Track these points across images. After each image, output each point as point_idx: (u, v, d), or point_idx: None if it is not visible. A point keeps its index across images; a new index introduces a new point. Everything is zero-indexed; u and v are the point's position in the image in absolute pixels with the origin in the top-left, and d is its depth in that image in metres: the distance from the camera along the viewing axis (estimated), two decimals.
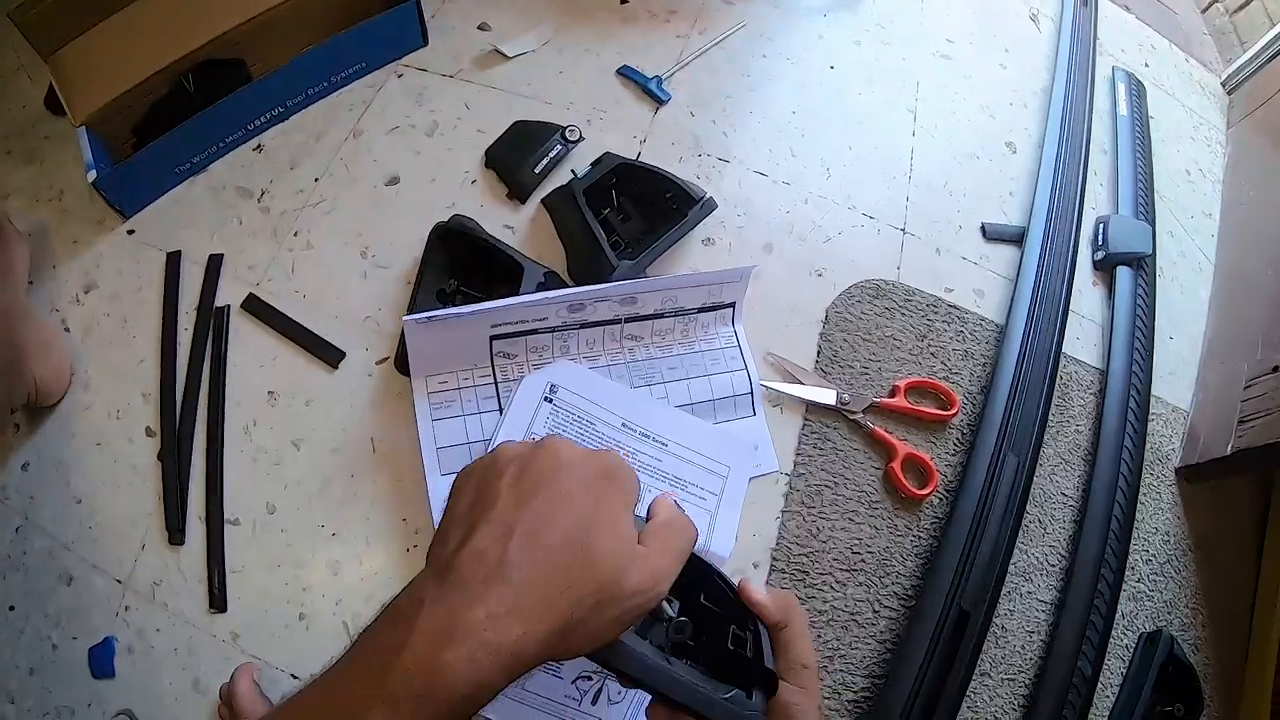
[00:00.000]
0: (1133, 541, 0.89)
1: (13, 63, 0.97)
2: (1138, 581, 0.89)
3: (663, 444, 0.78)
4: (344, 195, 0.90)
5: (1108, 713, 0.82)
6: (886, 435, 0.85)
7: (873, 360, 0.90)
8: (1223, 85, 1.30)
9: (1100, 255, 1.04)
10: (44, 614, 0.73)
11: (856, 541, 0.82)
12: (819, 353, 0.89)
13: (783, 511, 0.81)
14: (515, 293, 0.77)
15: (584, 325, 0.79)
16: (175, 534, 0.74)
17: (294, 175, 0.90)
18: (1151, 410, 0.97)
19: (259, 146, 0.92)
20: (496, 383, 0.78)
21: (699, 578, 0.50)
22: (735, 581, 0.52)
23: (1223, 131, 1.25)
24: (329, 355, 0.81)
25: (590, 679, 0.70)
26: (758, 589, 0.51)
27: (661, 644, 0.46)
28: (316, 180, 0.90)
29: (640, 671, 0.42)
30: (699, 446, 0.79)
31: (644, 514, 0.46)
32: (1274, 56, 1.20)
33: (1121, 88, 1.18)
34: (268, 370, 0.81)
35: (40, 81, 0.93)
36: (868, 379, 0.89)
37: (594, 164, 0.87)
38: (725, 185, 0.97)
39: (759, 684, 0.48)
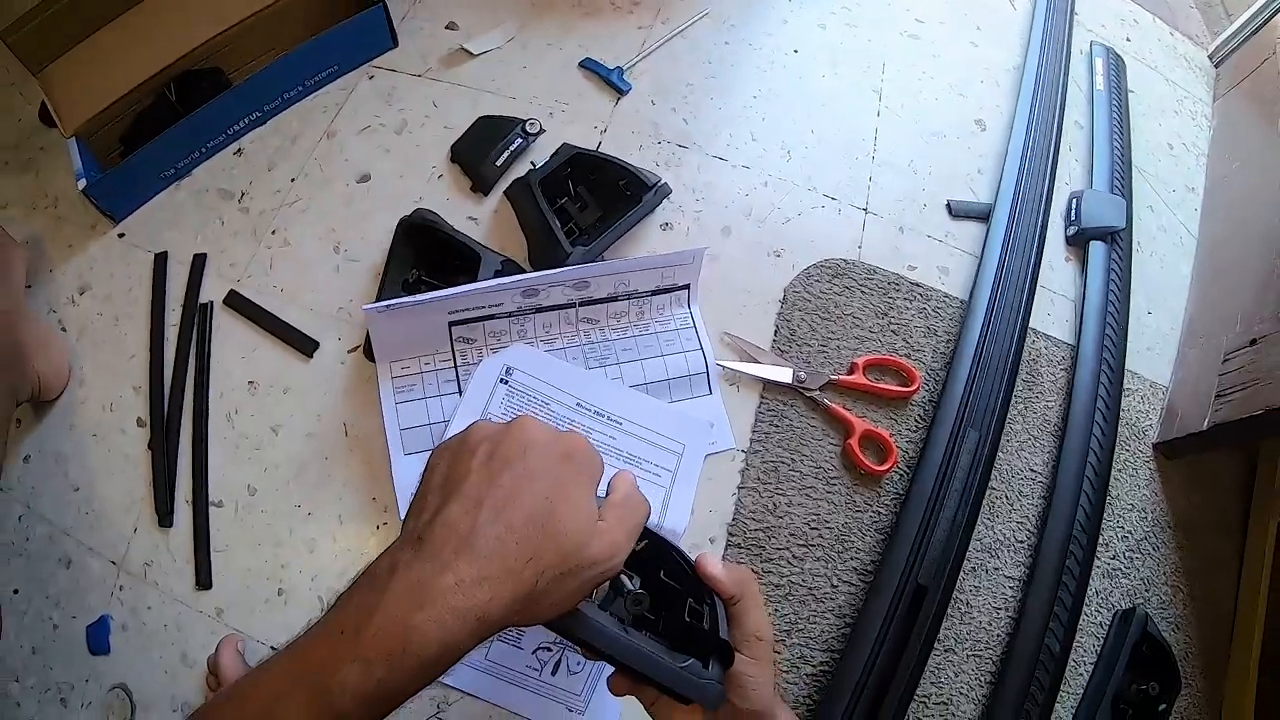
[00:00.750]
0: (1107, 518, 0.90)
1: (4, 79, 1.03)
2: (1112, 558, 0.89)
3: (617, 422, 0.81)
4: (318, 194, 0.94)
5: (1081, 690, 0.83)
6: (844, 412, 0.87)
7: (831, 338, 0.91)
8: (1210, 58, 1.28)
9: (1073, 230, 1.04)
10: (45, 596, 0.78)
11: (814, 517, 0.84)
12: (776, 332, 0.91)
13: (739, 488, 0.83)
14: (474, 280, 0.80)
15: (539, 310, 0.82)
16: (164, 517, 0.79)
17: (272, 177, 0.95)
18: (1127, 386, 0.97)
19: (239, 150, 0.97)
20: (456, 366, 0.81)
21: (659, 554, 0.52)
22: (694, 558, 0.53)
23: (1208, 105, 1.23)
24: (304, 346, 0.86)
25: (550, 649, 0.74)
26: (714, 563, 0.52)
27: (622, 616, 0.49)
28: (293, 181, 0.95)
29: (601, 641, 0.45)
30: (653, 425, 0.82)
31: (604, 491, 0.48)
32: (1262, 26, 1.18)
33: (1099, 62, 1.17)
34: (248, 361, 0.86)
35: (32, 96, 0.98)
36: (826, 357, 0.90)
37: (553, 155, 0.90)
38: (684, 171, 0.99)
39: (715, 655, 0.49)
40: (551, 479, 0.43)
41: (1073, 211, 1.05)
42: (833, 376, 0.88)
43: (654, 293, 0.86)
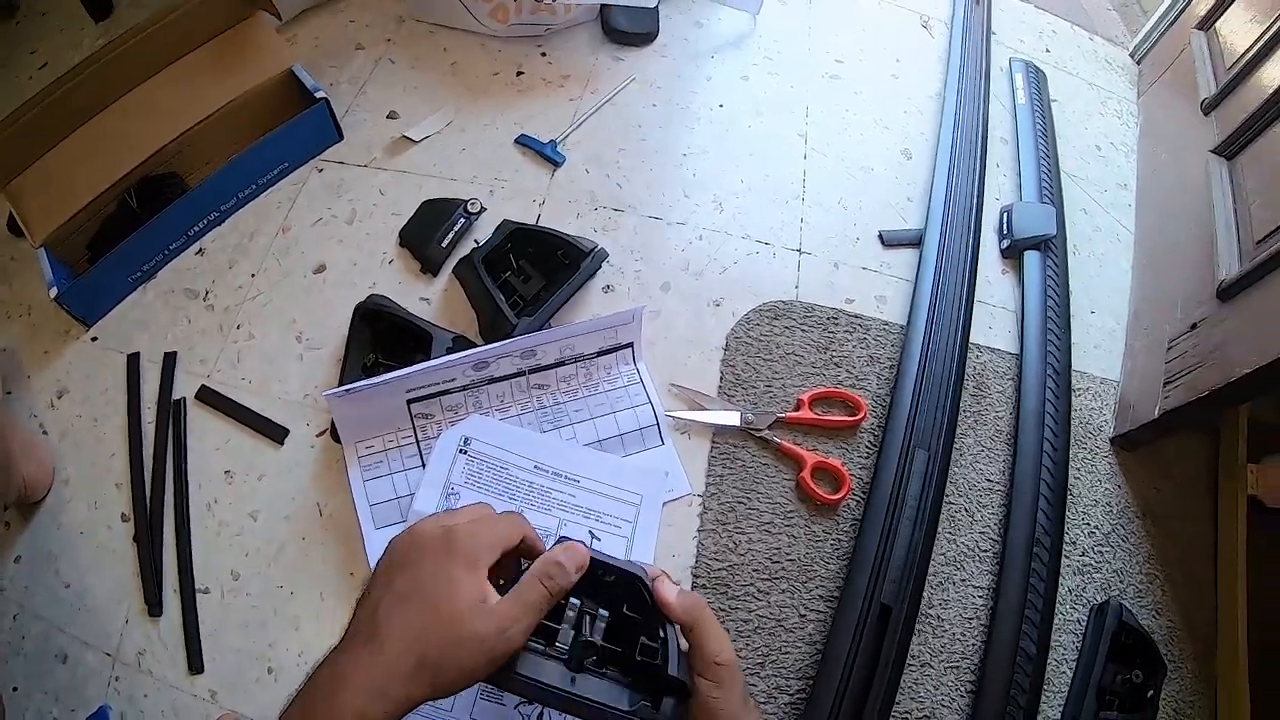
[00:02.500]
0: (1071, 517, 0.93)
1: None
2: (1081, 555, 0.92)
3: (575, 480, 0.85)
4: (278, 287, 0.99)
5: (1066, 688, 0.85)
6: (794, 448, 0.90)
7: (776, 378, 0.95)
8: (1131, 56, 1.33)
9: (1006, 243, 1.08)
10: (43, 692, 0.81)
11: (775, 551, 0.87)
12: (722, 378, 0.95)
13: (699, 530, 0.87)
14: (429, 358, 0.85)
15: (492, 380, 0.87)
16: (154, 607, 0.82)
17: (233, 274, 1.00)
18: (1078, 385, 1.00)
19: (200, 250, 1.02)
20: (418, 441, 0.85)
21: (625, 588, 0.56)
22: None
23: (1134, 102, 1.28)
24: (275, 434, 0.90)
25: (532, 704, 0.77)
26: (668, 591, 0.56)
27: (570, 662, 0.53)
28: (253, 276, 0.99)
29: (535, 695, 0.51)
30: (609, 479, 0.86)
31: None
32: (1178, 17, 1.22)
33: (1019, 77, 1.22)
34: (223, 452, 0.90)
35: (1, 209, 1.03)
36: (771, 396, 0.94)
37: (495, 232, 0.95)
38: (622, 234, 1.03)
39: (670, 691, 0.53)
40: (432, 572, 0.50)
41: (1004, 225, 1.10)
42: (780, 415, 0.92)
43: (599, 354, 0.90)
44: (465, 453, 0.84)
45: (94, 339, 0.97)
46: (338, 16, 1.22)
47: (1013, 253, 1.08)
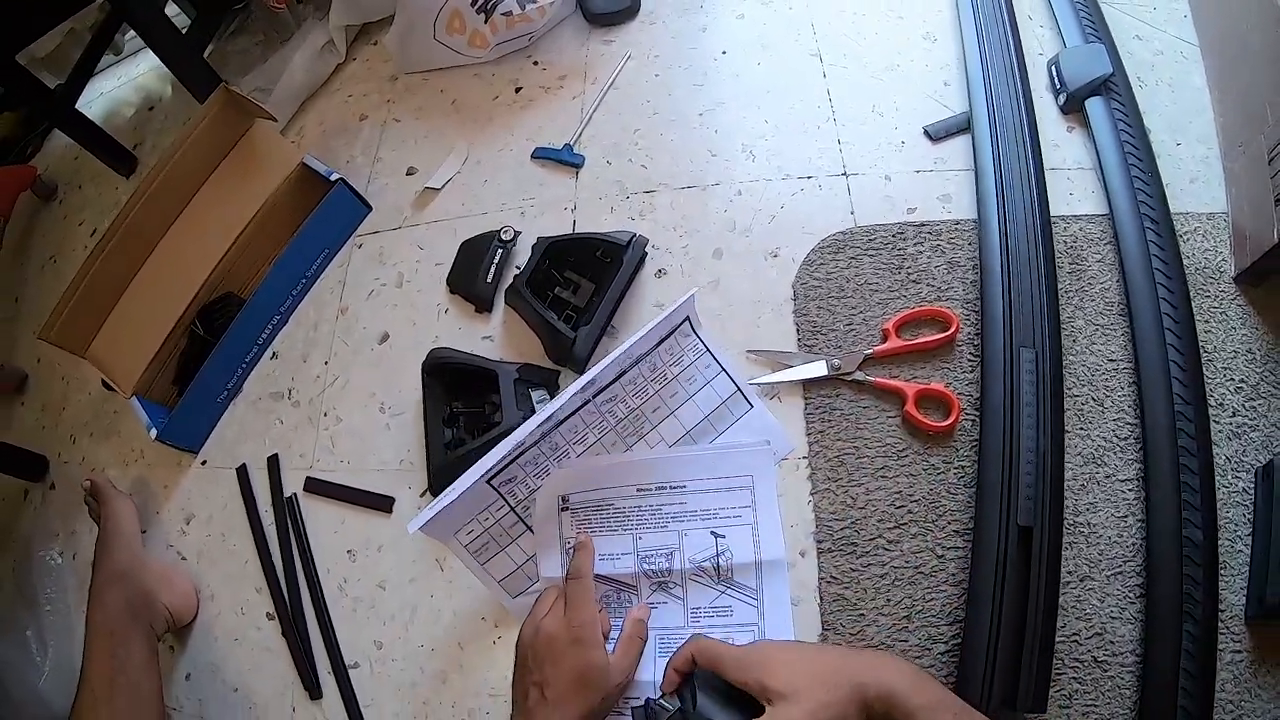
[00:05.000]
0: (1211, 375, 0.83)
1: (63, 370, 1.18)
2: (1232, 416, 0.82)
3: (681, 488, 0.82)
4: (351, 367, 1.01)
5: (1245, 568, 0.76)
6: (891, 382, 0.85)
7: (855, 314, 0.90)
8: None
9: (1063, 98, 0.99)
10: None
11: (896, 495, 0.81)
12: (798, 330, 0.90)
13: (811, 494, 0.83)
14: (498, 396, 0.86)
15: (560, 423, 0.83)
16: (313, 691, 0.87)
17: (308, 366, 1.03)
18: (1183, 228, 0.90)
19: (274, 354, 1.06)
20: (513, 508, 0.83)
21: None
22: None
23: None
24: (382, 505, 0.93)
25: None
26: (674, 660, 0.71)
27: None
28: (326, 363, 1.03)
29: None
30: (714, 472, 0.82)
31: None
32: None
33: None
34: (340, 534, 0.93)
35: (91, 373, 1.09)
36: (855, 334, 0.89)
37: (532, 251, 0.94)
38: (660, 214, 1.00)
39: None
40: (573, 654, 0.69)
41: (1055, 78, 1.00)
42: (867, 352, 0.86)
43: (658, 344, 0.86)
44: (567, 509, 0.83)
45: (203, 463, 1.03)
46: (334, 96, 1.26)
47: (1073, 106, 0.98)
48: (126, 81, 1.59)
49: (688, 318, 0.87)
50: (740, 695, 0.64)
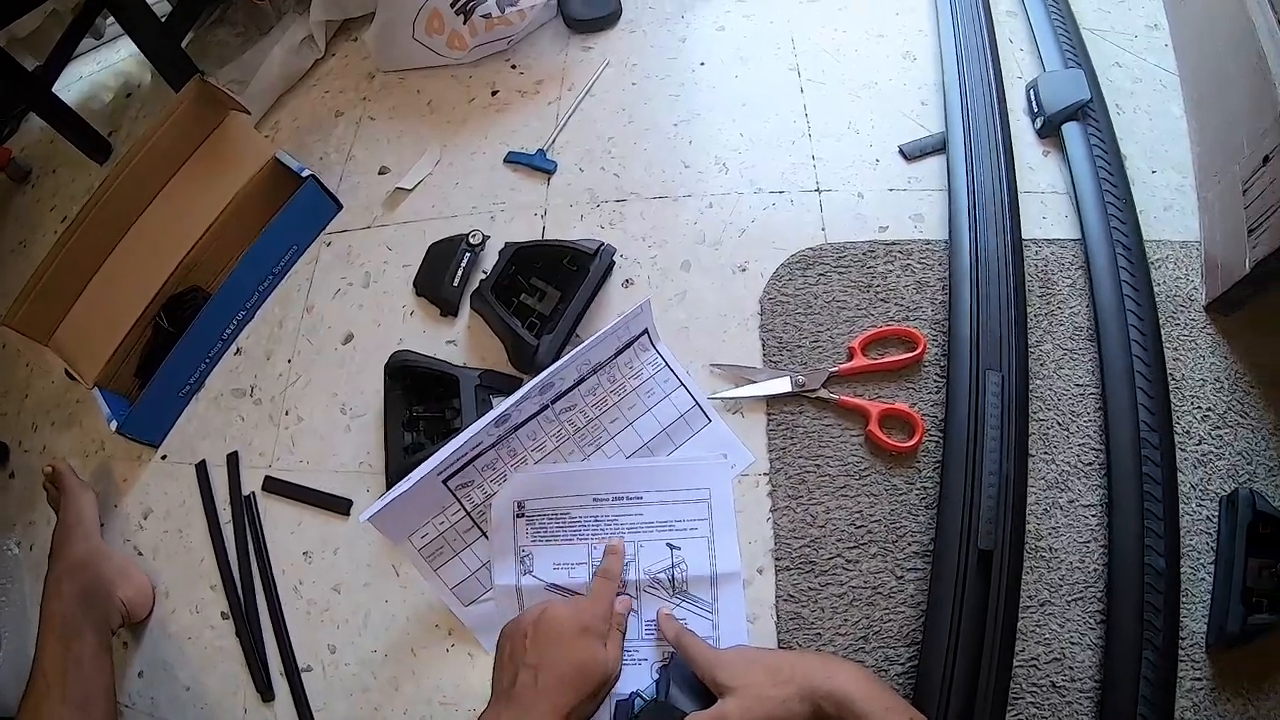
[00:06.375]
0: (1179, 403, 0.84)
1: (27, 356, 1.16)
2: (1198, 444, 0.82)
3: (637, 498, 0.82)
4: (314, 366, 1.00)
5: (1208, 596, 0.77)
6: (855, 400, 0.84)
7: (821, 331, 0.89)
8: None
9: (1040, 122, 0.99)
10: None
11: (857, 515, 0.81)
12: (764, 345, 0.90)
13: (771, 511, 0.82)
14: (459, 401, 0.85)
15: (518, 427, 0.84)
16: (265, 693, 0.86)
17: (271, 364, 1.02)
18: (1156, 255, 0.91)
19: (238, 350, 1.05)
20: (469, 513, 0.83)
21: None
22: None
23: None
24: (340, 507, 0.92)
25: None
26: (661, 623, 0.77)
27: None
28: (289, 361, 1.01)
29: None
30: (670, 485, 0.82)
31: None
32: None
33: None
34: (297, 535, 0.92)
35: (54, 361, 1.08)
36: (821, 351, 0.88)
37: (499, 257, 0.93)
38: (630, 223, 1.00)
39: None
40: (574, 644, 0.68)
41: (1033, 102, 1.01)
42: (832, 369, 0.86)
43: (616, 354, 0.86)
44: (522, 516, 0.82)
45: (164, 457, 1.02)
46: (311, 91, 1.25)
47: (1049, 130, 0.98)
48: (106, 66, 1.57)
49: (646, 330, 0.87)
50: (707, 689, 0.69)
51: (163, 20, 1.28)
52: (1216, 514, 0.80)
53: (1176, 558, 0.76)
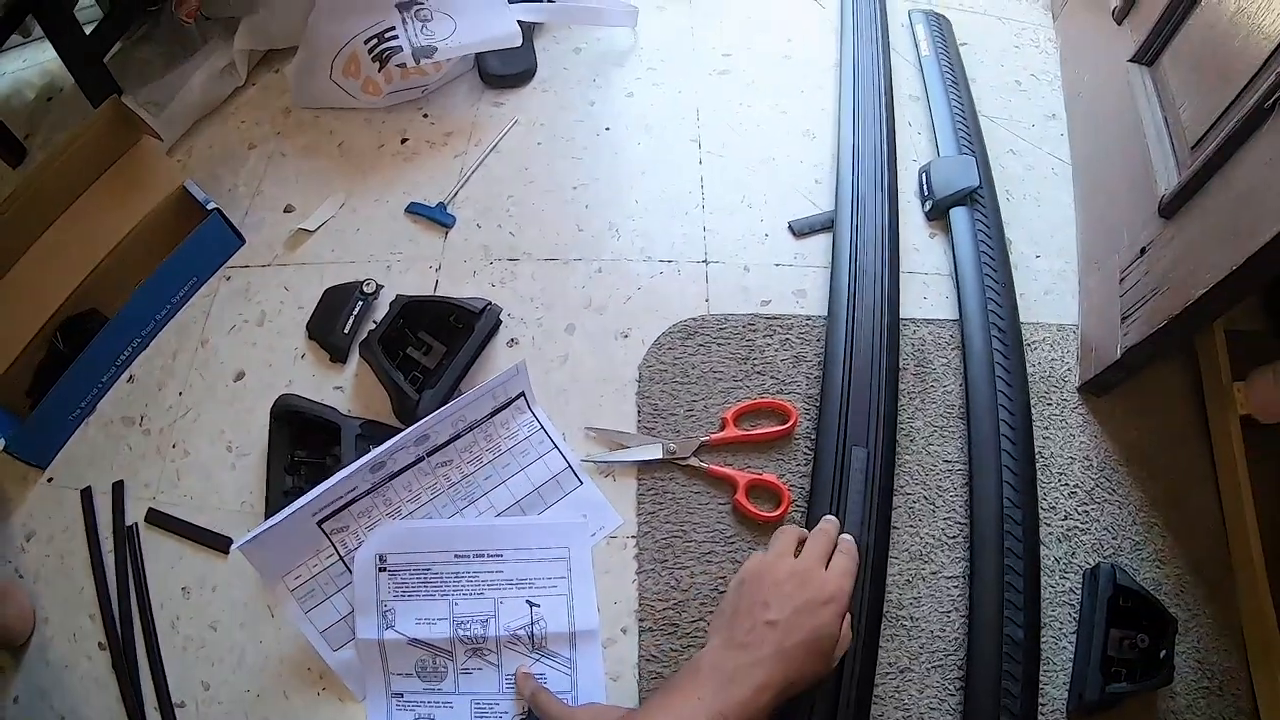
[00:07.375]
0: (1046, 479, 0.89)
1: None
2: (1065, 519, 0.88)
3: (498, 555, 0.84)
4: (204, 401, 1.01)
5: (1069, 666, 0.81)
6: (724, 470, 0.88)
7: (696, 400, 0.93)
8: None
9: (929, 205, 1.04)
10: None
11: (720, 581, 0.84)
12: (639, 411, 0.93)
13: (637, 573, 0.85)
14: (340, 450, 0.87)
15: (394, 476, 0.86)
16: None
17: (163, 395, 1.02)
18: (1032, 337, 0.96)
19: (131, 377, 1.05)
20: (341, 557, 0.85)
21: None
22: None
23: (1050, 29, 1.21)
24: (219, 544, 0.92)
25: None
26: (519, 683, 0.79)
27: None
28: (180, 394, 1.02)
29: None
30: (529, 543, 0.84)
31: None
32: None
33: (920, 29, 1.17)
34: (177, 570, 0.92)
35: None
36: (694, 420, 0.92)
37: (389, 308, 0.95)
38: (520, 283, 1.02)
39: None
40: (825, 614, 0.67)
41: (924, 186, 1.05)
42: (704, 438, 0.89)
43: (492, 414, 0.89)
44: (384, 570, 0.83)
45: (49, 480, 1.01)
46: (228, 120, 1.24)
47: (938, 213, 1.03)
48: (32, 65, 1.54)
49: (523, 393, 0.89)
50: None
51: (90, 30, 1.27)
52: (1080, 586, 0.84)
53: (1036, 629, 0.80)
